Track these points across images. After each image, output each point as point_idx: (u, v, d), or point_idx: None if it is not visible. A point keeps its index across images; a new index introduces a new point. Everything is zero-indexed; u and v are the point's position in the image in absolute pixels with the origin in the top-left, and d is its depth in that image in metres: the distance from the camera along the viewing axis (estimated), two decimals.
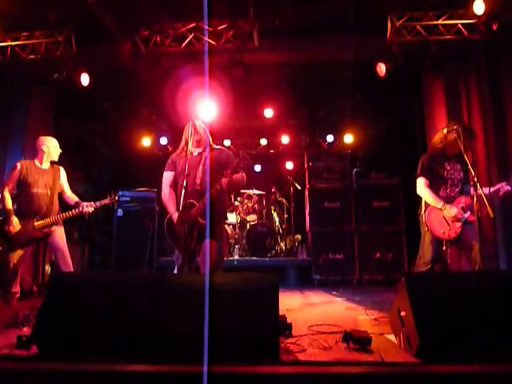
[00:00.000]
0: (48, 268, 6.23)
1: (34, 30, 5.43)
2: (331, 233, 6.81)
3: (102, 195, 4.38)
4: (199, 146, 3.60)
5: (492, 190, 3.61)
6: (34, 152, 4.30)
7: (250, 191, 7.79)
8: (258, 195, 7.89)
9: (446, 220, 3.61)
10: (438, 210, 3.65)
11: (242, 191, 7.71)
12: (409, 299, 2.35)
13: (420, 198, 3.83)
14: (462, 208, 3.61)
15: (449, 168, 3.74)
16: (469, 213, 3.57)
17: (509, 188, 3.60)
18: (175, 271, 3.62)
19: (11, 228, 3.95)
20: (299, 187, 7.82)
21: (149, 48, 5.58)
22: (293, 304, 4.55)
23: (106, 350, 2.24)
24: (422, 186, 3.75)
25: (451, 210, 3.57)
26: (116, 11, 5.23)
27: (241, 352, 2.15)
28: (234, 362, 2.03)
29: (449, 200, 3.67)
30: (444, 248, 3.62)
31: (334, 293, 5.55)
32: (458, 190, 3.73)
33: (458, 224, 3.57)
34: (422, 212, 3.76)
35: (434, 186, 3.73)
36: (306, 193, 7.29)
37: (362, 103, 7.52)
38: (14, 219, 3.99)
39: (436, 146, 3.84)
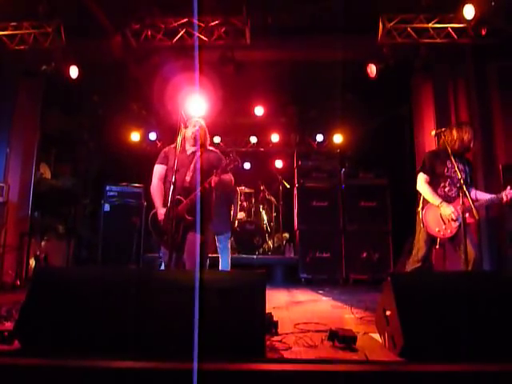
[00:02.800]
0: (32, 262, 6.15)
1: (23, 20, 5.33)
2: (319, 232, 6.84)
3: (88, 189, 4.34)
4: (195, 144, 3.62)
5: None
6: None
7: (239, 189, 7.78)
8: (247, 193, 7.88)
9: (442, 219, 3.57)
10: (435, 208, 3.60)
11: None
12: (394, 299, 2.37)
13: (418, 195, 3.79)
14: (463, 210, 3.44)
15: (450, 166, 3.63)
16: (467, 215, 3.46)
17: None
18: (162, 267, 3.61)
19: None
20: (288, 186, 7.83)
21: (139, 42, 5.53)
22: (279, 302, 4.56)
23: (90, 347, 2.22)
24: (421, 182, 3.70)
25: (447, 209, 3.52)
26: (107, 3, 5.16)
27: (227, 349, 2.15)
28: (220, 360, 2.03)
29: (448, 199, 3.61)
30: (437, 247, 3.60)
31: (321, 291, 5.57)
32: (456, 189, 3.61)
33: (455, 224, 3.52)
34: (420, 209, 3.72)
35: (433, 184, 3.68)
36: (295, 191, 7.31)
37: (351, 103, 7.56)
38: None
39: (448, 144, 3.63)
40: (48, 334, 2.31)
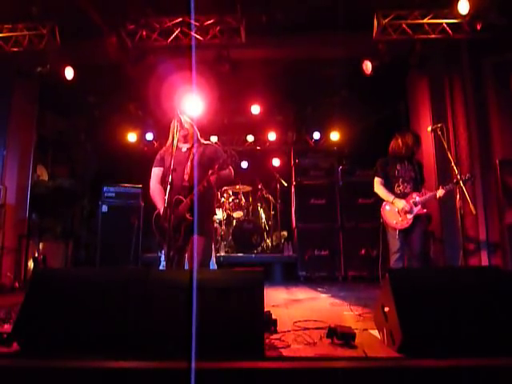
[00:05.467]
0: (30, 264, 6.14)
1: (18, 22, 5.31)
2: (317, 229, 6.85)
3: (86, 190, 4.33)
4: (187, 141, 3.58)
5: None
6: None
7: (237, 187, 7.78)
8: (245, 192, 7.88)
9: (399, 212, 4.08)
10: (392, 204, 4.13)
11: (228, 187, 7.70)
12: (392, 295, 2.37)
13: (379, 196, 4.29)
14: (414, 203, 4.05)
15: (399, 168, 4.23)
16: (419, 207, 4.05)
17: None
18: (161, 267, 3.60)
19: None
20: (285, 184, 7.84)
21: (135, 42, 5.51)
22: (278, 300, 4.56)
23: (89, 348, 2.22)
24: (376, 185, 4.29)
25: (399, 203, 4.06)
26: (101, 4, 5.14)
27: (226, 348, 2.15)
28: (219, 358, 2.03)
29: (403, 195, 4.13)
30: (397, 237, 4.05)
31: (320, 289, 5.58)
32: (410, 186, 4.17)
33: (410, 216, 4.04)
34: (382, 208, 4.26)
35: (389, 185, 4.23)
36: (293, 189, 7.31)
37: (348, 101, 7.56)
38: None
39: (395, 150, 4.28)
40: (47, 336, 2.30)
